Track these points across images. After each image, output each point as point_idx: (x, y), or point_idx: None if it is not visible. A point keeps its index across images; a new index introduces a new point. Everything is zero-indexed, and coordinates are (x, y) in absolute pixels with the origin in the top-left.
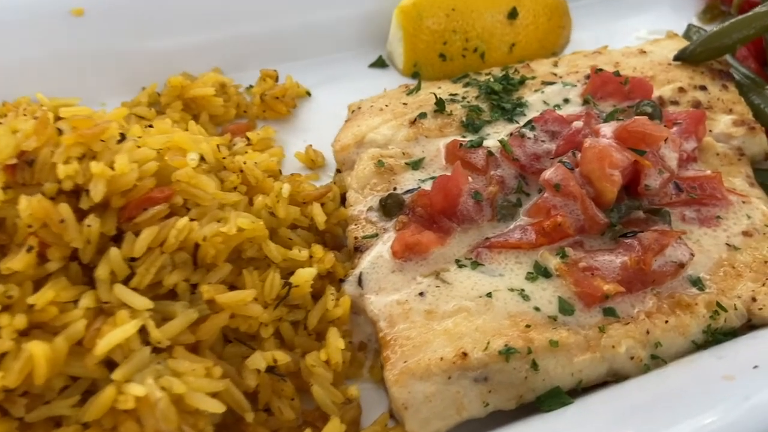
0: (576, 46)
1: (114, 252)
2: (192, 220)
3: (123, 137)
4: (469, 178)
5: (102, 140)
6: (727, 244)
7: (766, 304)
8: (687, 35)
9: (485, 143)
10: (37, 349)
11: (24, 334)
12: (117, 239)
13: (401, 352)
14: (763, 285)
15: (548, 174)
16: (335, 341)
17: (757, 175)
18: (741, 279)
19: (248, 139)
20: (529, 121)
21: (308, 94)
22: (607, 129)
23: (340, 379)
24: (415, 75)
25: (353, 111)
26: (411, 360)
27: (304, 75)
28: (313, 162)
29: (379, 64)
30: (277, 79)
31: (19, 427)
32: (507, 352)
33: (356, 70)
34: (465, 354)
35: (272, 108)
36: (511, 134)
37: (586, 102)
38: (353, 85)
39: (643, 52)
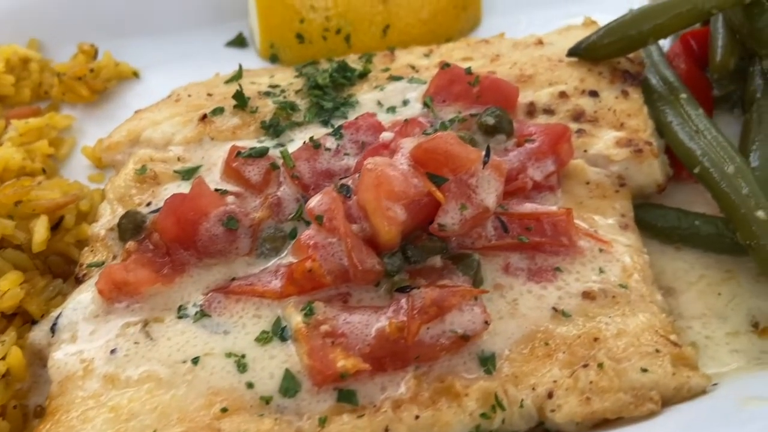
0: (485, 32)
1: None
2: None
3: None
4: (230, 198)
5: None
6: (554, 308)
7: (563, 404)
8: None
9: (274, 153)
10: None
11: None
12: None
13: (54, 430)
14: (572, 375)
15: (313, 201)
16: None
17: (644, 213)
18: (548, 362)
19: (17, 128)
20: (339, 127)
21: (136, 75)
22: (407, 146)
23: None
24: (273, 58)
25: (176, 99)
26: None
27: (140, 52)
28: (100, 161)
29: (238, 42)
30: (94, 56)
31: None
32: None
33: (210, 50)
34: None
35: (73, 90)
36: (305, 142)
37: (426, 106)
38: (200, 67)
39: (540, 42)
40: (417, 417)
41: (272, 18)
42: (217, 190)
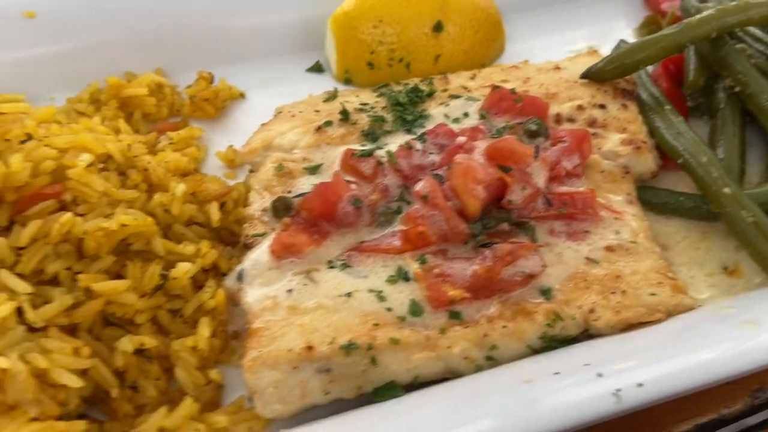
0: (510, 58)
1: (1, 241)
2: (79, 215)
3: (29, 137)
4: (353, 186)
5: (7, 139)
6: (587, 257)
7: (601, 316)
8: (616, 51)
9: (378, 153)
10: None
11: None
12: (10, 230)
13: (259, 342)
14: (605, 298)
15: (419, 186)
16: (203, 330)
17: (643, 192)
18: (587, 291)
19: (171, 137)
20: (423, 134)
21: (242, 95)
22: (481, 146)
23: (210, 363)
24: (347, 81)
25: (276, 114)
26: (265, 350)
27: (243, 77)
28: (232, 161)
29: (316, 68)
30: (211, 81)
31: None
32: (348, 348)
33: (294, 74)
34: (311, 347)
35: (201, 109)
36: (401, 145)
37: (482, 117)
38: (289, 88)
39: (557, 68)
40: (504, 326)
41: (348, 51)
42: None
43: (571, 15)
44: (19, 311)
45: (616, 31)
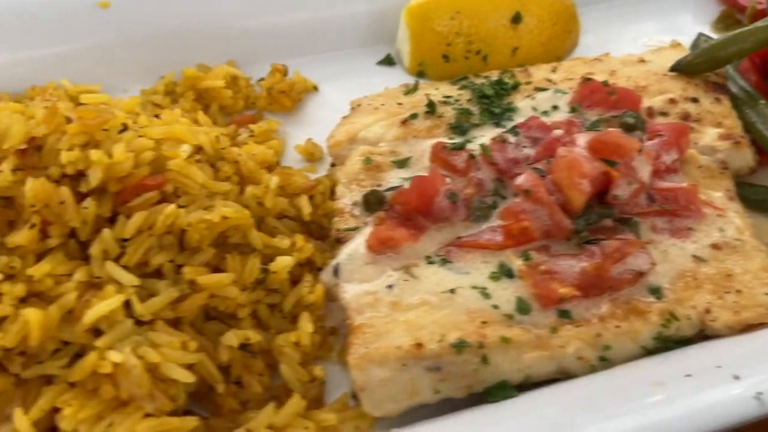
0: (583, 50)
1: (107, 232)
2: (181, 207)
3: (125, 128)
4: (447, 179)
5: (105, 129)
6: (693, 255)
7: (719, 317)
8: (696, 45)
9: (469, 146)
10: (32, 315)
11: (23, 302)
12: (113, 221)
13: (364, 339)
14: (720, 298)
15: (520, 179)
16: (305, 325)
17: (741, 189)
18: (700, 291)
19: (252, 130)
20: (514, 127)
21: (315, 88)
22: (583, 139)
23: (310, 359)
24: (420, 74)
25: (353, 107)
26: (371, 346)
27: (314, 69)
28: (312, 155)
29: (387, 61)
30: (285, 73)
31: (16, 383)
32: (459, 346)
33: (365, 67)
34: (420, 345)
35: (278, 101)
36: (494, 138)
37: (573, 110)
38: (360, 81)
39: (642, 61)
40: (617, 326)
41: (423, 42)
42: None
43: (641, 8)
44: (126, 304)
45: (688, 25)
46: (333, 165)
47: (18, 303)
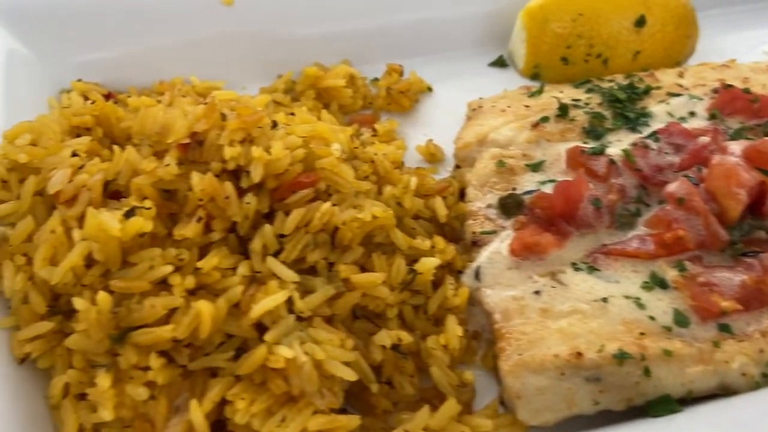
0: (700, 56)
1: (267, 228)
2: (333, 205)
3: (275, 124)
4: (590, 185)
5: (259, 126)
6: None
7: None
8: None
9: (607, 151)
10: (204, 307)
11: (191, 294)
12: (267, 216)
13: (516, 345)
14: None
15: (673, 187)
16: (453, 328)
17: None
18: None
19: (374, 130)
20: (654, 132)
21: (429, 89)
22: (736, 147)
23: (455, 363)
24: (534, 76)
25: (474, 109)
26: (526, 353)
27: (427, 70)
28: (433, 156)
29: (499, 63)
30: (402, 74)
31: (182, 374)
32: (621, 357)
33: (476, 68)
34: (580, 354)
35: (396, 101)
36: (634, 144)
37: (713, 117)
38: (472, 82)
39: None
40: None
41: (541, 45)
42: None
43: (757, 13)
44: (286, 300)
45: None
46: (458, 167)
47: (187, 295)
